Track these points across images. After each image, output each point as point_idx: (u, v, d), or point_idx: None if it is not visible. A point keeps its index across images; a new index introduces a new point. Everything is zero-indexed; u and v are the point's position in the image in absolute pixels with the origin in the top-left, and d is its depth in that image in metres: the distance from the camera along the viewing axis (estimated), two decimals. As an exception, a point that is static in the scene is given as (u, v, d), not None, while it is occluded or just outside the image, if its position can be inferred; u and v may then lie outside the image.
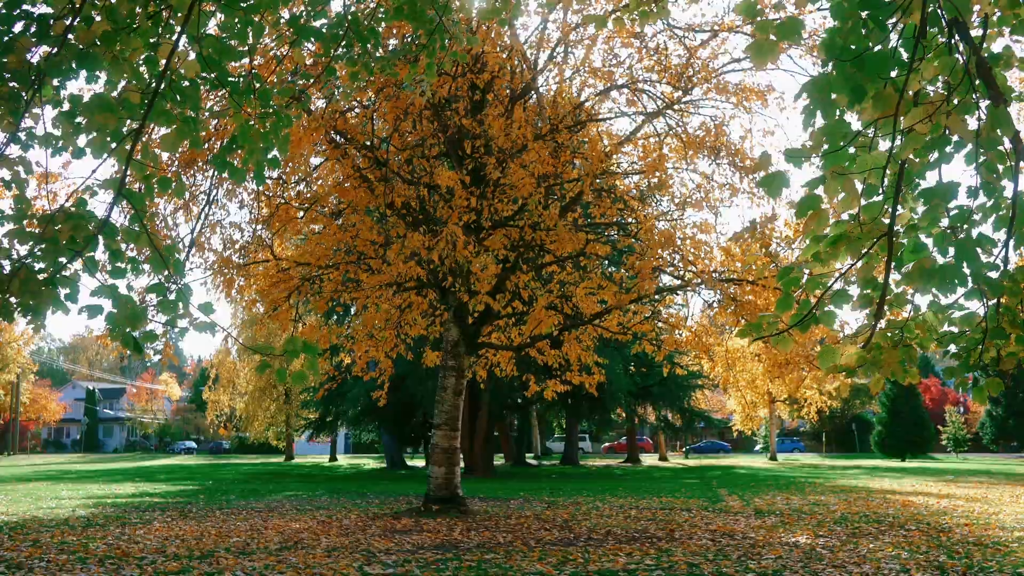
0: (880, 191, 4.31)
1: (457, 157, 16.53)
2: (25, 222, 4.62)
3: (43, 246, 4.50)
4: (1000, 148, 4.19)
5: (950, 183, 4.20)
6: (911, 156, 4.26)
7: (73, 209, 4.62)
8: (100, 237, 4.61)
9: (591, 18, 8.04)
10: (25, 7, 4.77)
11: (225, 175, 5.32)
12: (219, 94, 12.30)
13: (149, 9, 4.95)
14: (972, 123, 4.16)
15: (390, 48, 14.10)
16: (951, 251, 4.27)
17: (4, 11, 4.69)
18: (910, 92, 4.18)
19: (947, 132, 4.18)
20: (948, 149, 4.30)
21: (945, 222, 4.29)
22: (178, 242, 15.42)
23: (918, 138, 4.20)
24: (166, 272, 4.79)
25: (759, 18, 4.70)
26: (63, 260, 4.53)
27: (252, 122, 5.27)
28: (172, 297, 4.74)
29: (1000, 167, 4.29)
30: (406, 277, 15.50)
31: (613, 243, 18.87)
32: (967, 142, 4.18)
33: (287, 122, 5.37)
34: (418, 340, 19.06)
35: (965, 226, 4.23)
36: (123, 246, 4.79)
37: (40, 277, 4.48)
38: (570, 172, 16.52)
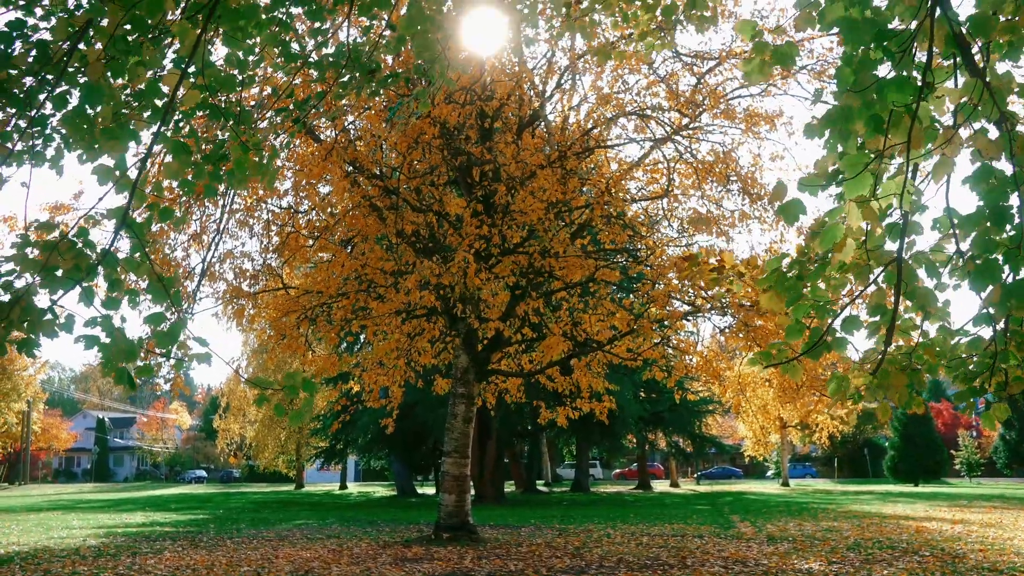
0: (895, 216, 4.33)
1: (466, 185, 16.62)
2: (28, 250, 4.62)
3: (42, 275, 4.52)
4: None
5: (1005, 207, 4.15)
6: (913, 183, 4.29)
7: (76, 238, 4.63)
8: (100, 267, 4.62)
9: (597, 50, 8.13)
10: (28, 30, 4.82)
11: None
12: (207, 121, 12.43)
13: (151, 37, 4.99)
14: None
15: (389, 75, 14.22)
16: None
17: (5, 31, 4.73)
18: (926, 118, 4.21)
19: (979, 154, 4.19)
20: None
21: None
22: (190, 271, 15.53)
23: (947, 162, 4.22)
24: (167, 303, 4.80)
25: (758, 39, 4.77)
26: (61, 291, 4.54)
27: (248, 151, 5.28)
28: (167, 328, 4.74)
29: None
30: (418, 305, 15.54)
31: (623, 269, 18.90)
32: (994, 160, 4.18)
33: (275, 154, 5.38)
34: (428, 367, 19.07)
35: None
36: (123, 276, 4.80)
37: (41, 307, 4.49)
38: (579, 199, 16.59)
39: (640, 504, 34.25)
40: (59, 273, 4.53)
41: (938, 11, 4.16)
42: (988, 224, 4.18)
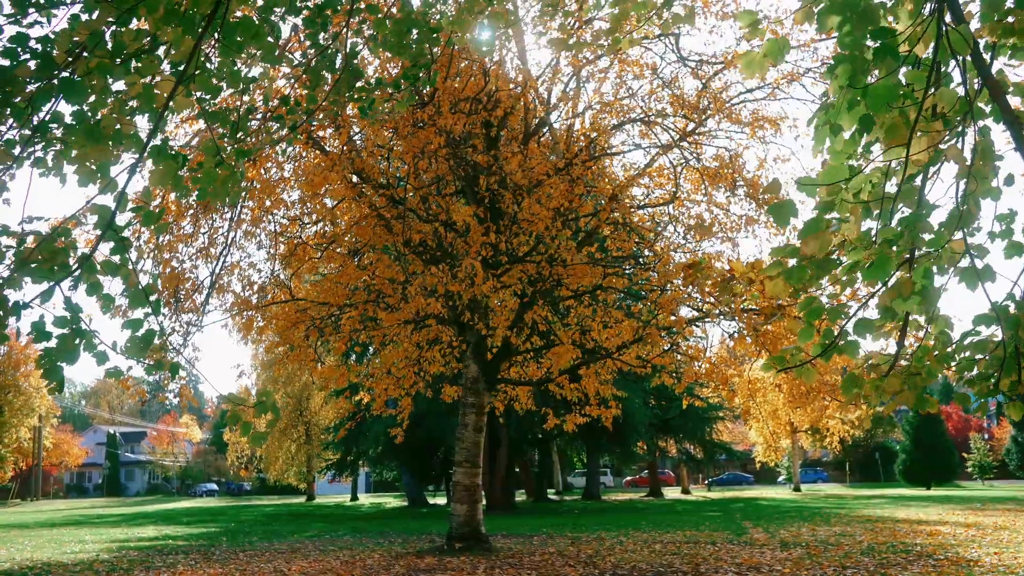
0: (891, 219, 4.34)
1: (473, 193, 16.63)
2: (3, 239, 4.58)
3: (14, 266, 4.48)
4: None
5: (961, 212, 4.23)
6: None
7: (57, 236, 4.60)
8: (80, 271, 4.57)
9: (566, 43, 8.11)
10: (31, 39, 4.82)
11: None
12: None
13: (143, 44, 4.99)
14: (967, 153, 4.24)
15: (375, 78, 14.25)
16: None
17: (9, 44, 4.73)
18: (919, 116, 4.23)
19: (943, 161, 4.25)
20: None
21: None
22: (199, 284, 15.54)
23: (914, 167, 4.25)
24: (146, 309, 4.75)
25: (759, 38, 4.79)
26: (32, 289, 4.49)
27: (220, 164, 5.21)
28: (142, 334, 4.69)
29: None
30: (425, 314, 15.54)
31: (630, 276, 18.86)
32: (962, 172, 4.23)
33: (240, 177, 5.32)
34: (438, 377, 19.05)
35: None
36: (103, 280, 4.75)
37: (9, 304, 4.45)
38: (586, 206, 16.58)
39: (652, 511, 34.17)
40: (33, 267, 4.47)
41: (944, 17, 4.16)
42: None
